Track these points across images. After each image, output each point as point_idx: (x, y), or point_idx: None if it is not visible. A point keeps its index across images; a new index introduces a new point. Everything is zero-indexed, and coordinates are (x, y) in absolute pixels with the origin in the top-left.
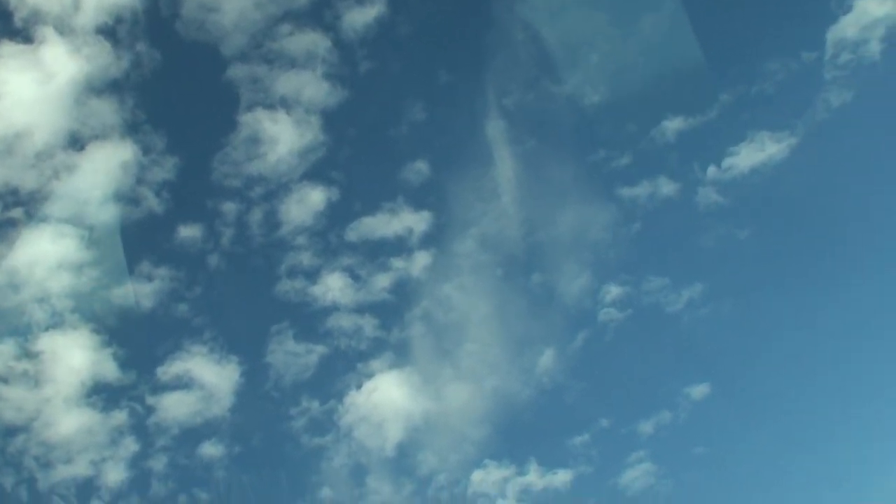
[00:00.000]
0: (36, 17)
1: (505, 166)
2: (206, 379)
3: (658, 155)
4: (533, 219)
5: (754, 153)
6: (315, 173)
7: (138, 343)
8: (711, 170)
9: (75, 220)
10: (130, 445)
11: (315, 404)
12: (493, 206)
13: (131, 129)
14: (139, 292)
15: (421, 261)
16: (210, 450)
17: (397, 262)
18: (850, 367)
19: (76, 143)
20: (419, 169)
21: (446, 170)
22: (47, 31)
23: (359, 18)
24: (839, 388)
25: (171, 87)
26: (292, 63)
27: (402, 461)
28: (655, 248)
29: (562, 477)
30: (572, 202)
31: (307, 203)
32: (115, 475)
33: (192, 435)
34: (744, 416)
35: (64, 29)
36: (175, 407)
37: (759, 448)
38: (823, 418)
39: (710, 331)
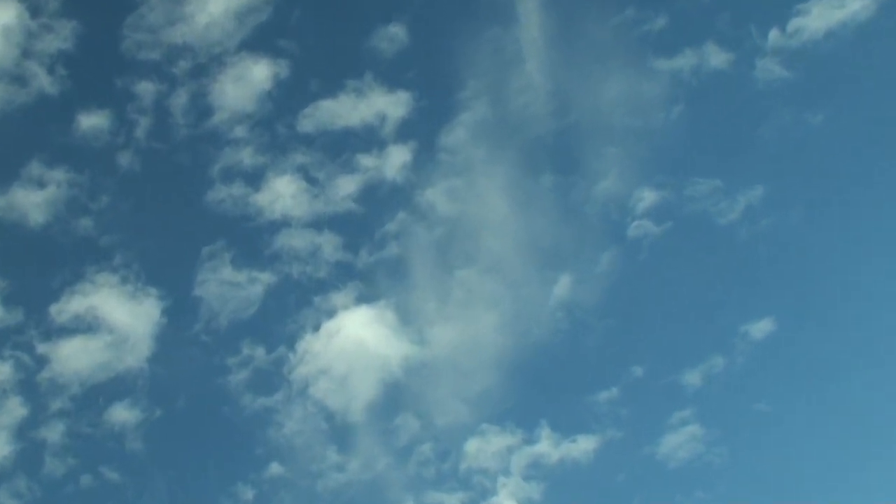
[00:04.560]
0: None
1: (503, 31)
2: (115, 319)
3: (704, 16)
4: (541, 102)
5: (829, 12)
6: (258, 42)
7: (25, 272)
8: (773, 34)
9: None
10: (15, 409)
11: (259, 352)
12: (488, 84)
13: None
14: (26, 203)
15: (397, 158)
16: (122, 414)
17: (366, 161)
18: None
19: None
20: (394, 35)
21: (429, 36)
22: None
23: None
24: None
25: None
26: None
27: (375, 427)
28: (702, 140)
29: (582, 445)
30: (592, 80)
31: (247, 82)
32: None
33: (97, 394)
34: (819, 362)
35: None
36: (75, 357)
37: (839, 404)
38: None
39: (775, 249)
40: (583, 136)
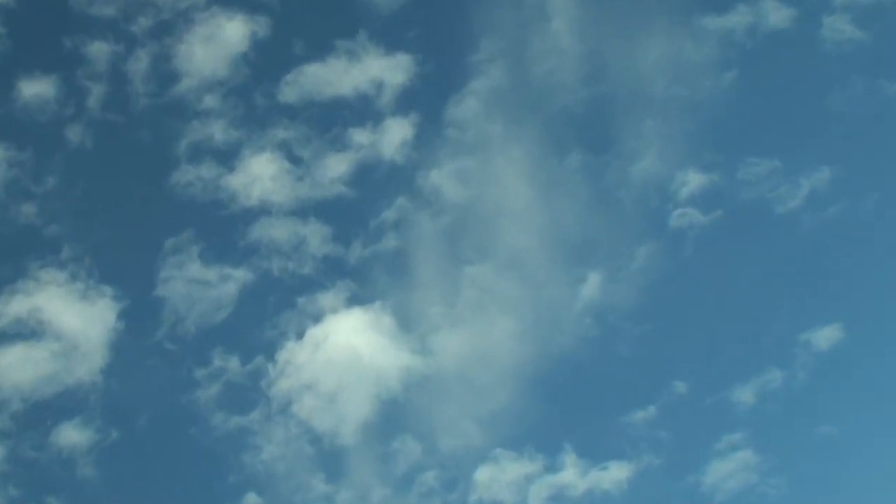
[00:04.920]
0: None
1: None
2: (64, 324)
3: None
4: (569, 67)
5: None
6: None
7: None
8: None
9: None
10: None
11: (233, 363)
12: (506, 46)
13: None
14: None
15: (397, 133)
16: (71, 435)
17: (360, 136)
18: None
19: None
20: None
21: None
22: None
23: None
24: None
25: None
26: None
27: (369, 452)
28: (758, 113)
29: (614, 474)
30: (630, 41)
31: (219, 43)
32: None
33: (43, 412)
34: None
35: None
36: (16, 368)
37: None
38: None
39: (844, 242)
40: (618, 107)
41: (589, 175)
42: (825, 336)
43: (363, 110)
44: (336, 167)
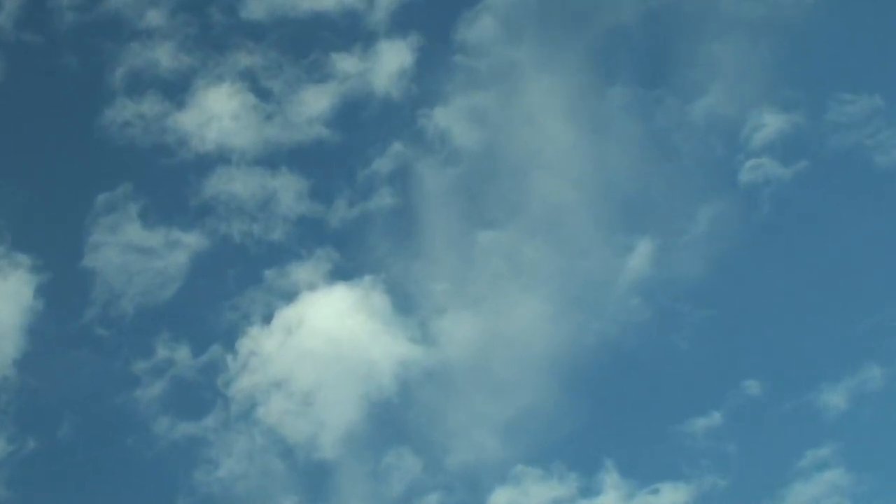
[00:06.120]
0: None
1: None
2: None
3: None
4: None
5: None
6: None
7: None
8: None
9: None
10: None
11: (182, 354)
12: None
13: None
14: None
15: (392, 60)
16: None
17: (345, 63)
18: None
19: None
20: None
21: None
22: None
23: None
24: None
25: None
26: None
27: (356, 468)
28: (852, 39)
29: (668, 497)
30: None
31: None
32: None
33: None
34: None
35: None
36: None
37: None
38: None
39: None
40: (675, 30)
41: (638, 115)
42: None
43: (349, 30)
44: (314, 103)
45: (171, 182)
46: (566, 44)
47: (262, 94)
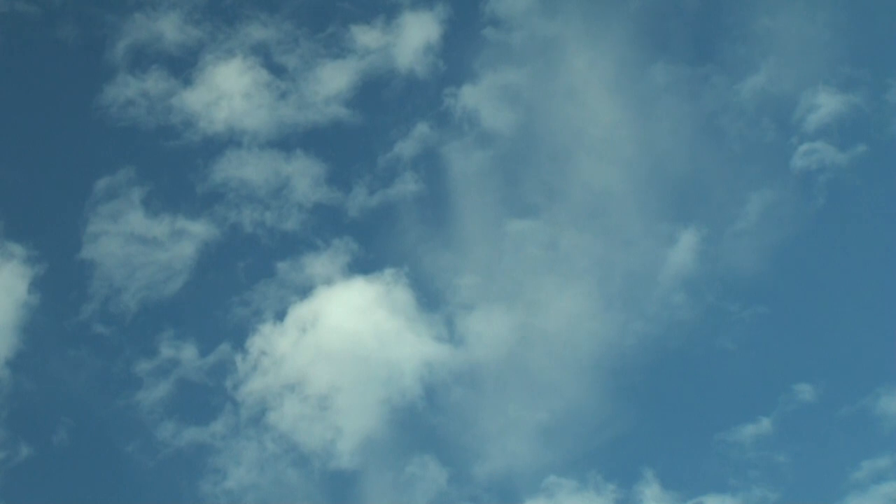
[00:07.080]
0: None
1: None
2: None
3: None
4: None
5: None
6: None
7: None
8: None
9: None
10: None
11: (188, 353)
12: None
13: None
14: None
15: (417, 34)
16: None
17: (365, 37)
18: None
19: None
20: None
21: None
22: None
23: None
24: None
25: None
26: None
27: (378, 477)
28: None
29: None
30: None
31: None
32: None
33: None
34: None
35: None
36: None
37: None
38: None
39: None
40: (725, 3)
41: (684, 94)
42: None
43: (371, 1)
44: (332, 81)
45: (176, 166)
46: (605, 16)
47: (276, 70)
